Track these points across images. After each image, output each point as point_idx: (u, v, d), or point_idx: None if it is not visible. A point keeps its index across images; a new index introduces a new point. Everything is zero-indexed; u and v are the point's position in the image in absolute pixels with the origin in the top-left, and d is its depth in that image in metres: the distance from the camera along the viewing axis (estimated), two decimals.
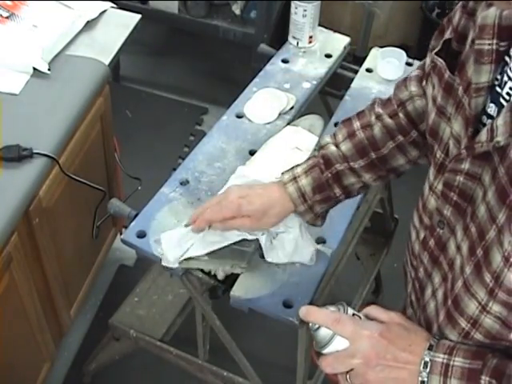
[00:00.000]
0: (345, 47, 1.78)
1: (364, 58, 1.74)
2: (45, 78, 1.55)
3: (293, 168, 1.14)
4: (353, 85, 1.66)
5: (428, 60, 1.00)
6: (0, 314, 1.42)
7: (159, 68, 3.05)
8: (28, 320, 1.57)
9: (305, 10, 1.69)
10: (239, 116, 1.56)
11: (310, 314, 0.91)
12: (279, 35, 2.14)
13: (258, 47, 1.81)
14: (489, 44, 0.79)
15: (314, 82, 1.66)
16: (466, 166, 0.83)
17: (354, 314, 0.92)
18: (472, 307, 0.83)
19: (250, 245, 1.22)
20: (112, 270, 2.24)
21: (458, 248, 0.87)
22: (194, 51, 3.09)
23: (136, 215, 1.33)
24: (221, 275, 1.23)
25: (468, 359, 0.82)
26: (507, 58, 0.80)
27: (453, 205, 0.87)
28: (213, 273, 1.23)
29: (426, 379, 0.83)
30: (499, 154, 0.78)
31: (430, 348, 0.85)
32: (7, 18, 1.62)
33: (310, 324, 0.91)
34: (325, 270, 1.27)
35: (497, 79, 0.80)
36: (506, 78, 0.79)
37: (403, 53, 1.69)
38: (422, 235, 0.96)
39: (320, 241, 1.30)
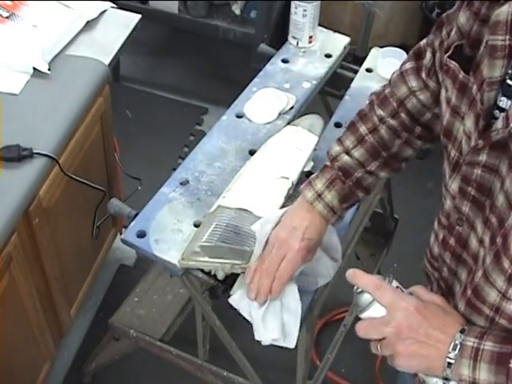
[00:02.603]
0: (345, 47, 1.78)
1: (364, 58, 1.74)
2: (45, 77, 1.55)
3: (311, 183, 1.14)
4: (353, 85, 1.66)
5: (428, 55, 1.02)
6: (0, 313, 1.42)
7: (159, 68, 3.05)
8: (28, 320, 1.57)
9: (305, 10, 1.69)
10: (239, 116, 1.56)
11: (356, 276, 0.95)
12: (279, 35, 2.14)
13: (258, 47, 1.81)
14: (502, 40, 0.82)
15: (314, 82, 1.66)
16: (483, 157, 0.85)
17: (397, 287, 0.94)
18: (493, 295, 0.85)
19: (250, 245, 1.22)
20: (112, 270, 2.24)
21: (481, 241, 0.88)
22: (194, 51, 3.09)
23: (136, 215, 1.33)
24: (221, 275, 1.22)
25: (498, 343, 0.84)
26: None
27: (471, 200, 0.89)
28: (213, 273, 1.23)
29: (453, 361, 0.85)
30: None
31: (463, 331, 0.86)
32: (7, 17, 1.62)
33: (355, 287, 0.94)
34: None
35: (508, 73, 0.83)
36: None
37: (403, 53, 1.68)
38: (441, 236, 0.97)
39: None
